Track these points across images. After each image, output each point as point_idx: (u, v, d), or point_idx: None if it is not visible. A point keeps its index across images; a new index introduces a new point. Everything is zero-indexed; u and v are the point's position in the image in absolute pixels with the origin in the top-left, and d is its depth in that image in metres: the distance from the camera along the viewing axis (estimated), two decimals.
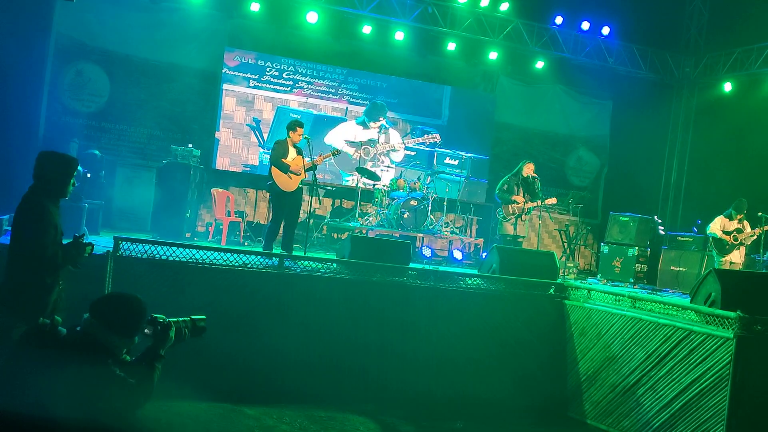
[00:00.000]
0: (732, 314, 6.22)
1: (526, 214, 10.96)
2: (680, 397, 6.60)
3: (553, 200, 11.21)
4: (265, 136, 13.35)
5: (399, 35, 13.49)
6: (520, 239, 11.03)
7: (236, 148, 13.20)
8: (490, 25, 13.90)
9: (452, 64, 14.41)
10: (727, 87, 14.71)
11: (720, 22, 15.13)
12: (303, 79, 13.64)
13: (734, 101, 14.56)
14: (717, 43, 15.13)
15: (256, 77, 13.32)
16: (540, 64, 14.61)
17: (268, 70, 13.37)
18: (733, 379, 6.12)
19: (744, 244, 11.04)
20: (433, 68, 14.47)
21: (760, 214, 10.86)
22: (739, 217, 10.96)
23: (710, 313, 6.50)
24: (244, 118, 13.26)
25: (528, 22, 14.18)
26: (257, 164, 13.30)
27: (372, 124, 13.81)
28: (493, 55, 14.22)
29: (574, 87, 15.52)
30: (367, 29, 13.32)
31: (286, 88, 13.52)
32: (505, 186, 10.96)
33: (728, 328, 6.24)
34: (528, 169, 10.96)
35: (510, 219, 10.88)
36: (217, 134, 13.05)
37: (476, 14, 13.74)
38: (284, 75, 13.52)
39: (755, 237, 10.93)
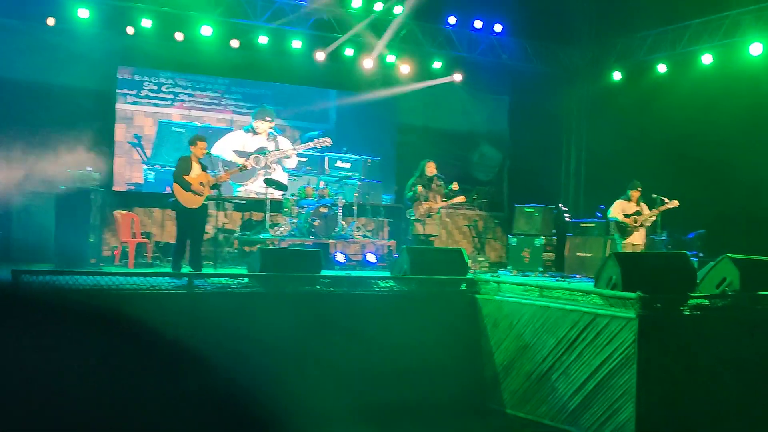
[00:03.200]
0: (633, 295, 6.48)
1: (436, 214, 11.12)
2: (592, 379, 6.83)
3: (461, 198, 11.43)
4: (148, 152, 13.05)
5: (296, 44, 13.46)
6: (431, 238, 11.19)
7: (119, 167, 12.85)
8: (386, 28, 14.03)
9: (349, 69, 14.46)
10: (616, 76, 15.31)
11: (606, 13, 15.72)
12: (183, 91, 13.40)
13: (624, 88, 15.17)
14: (604, 34, 15.73)
15: (133, 93, 13.01)
16: (437, 64, 14.84)
17: (146, 84, 13.08)
18: (639, 357, 6.38)
19: (644, 225, 11.49)
20: (329, 74, 14.48)
21: (654, 196, 11.33)
22: (635, 196, 11.38)
23: (612, 295, 6.76)
24: (125, 135, 12.93)
25: (422, 24, 14.41)
26: (142, 182, 13.00)
27: (258, 124, 13.67)
28: (390, 58, 14.36)
29: (471, 84, 15.82)
30: (263, 39, 13.22)
31: (166, 102, 13.27)
32: (413, 187, 11.11)
33: (630, 309, 6.50)
34: (430, 168, 11.13)
35: (421, 219, 11.03)
36: None
37: (371, 19, 13.85)
38: (163, 89, 13.25)
39: (653, 218, 11.40)
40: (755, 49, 12.61)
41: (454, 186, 11.09)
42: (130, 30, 12.31)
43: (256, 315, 7.46)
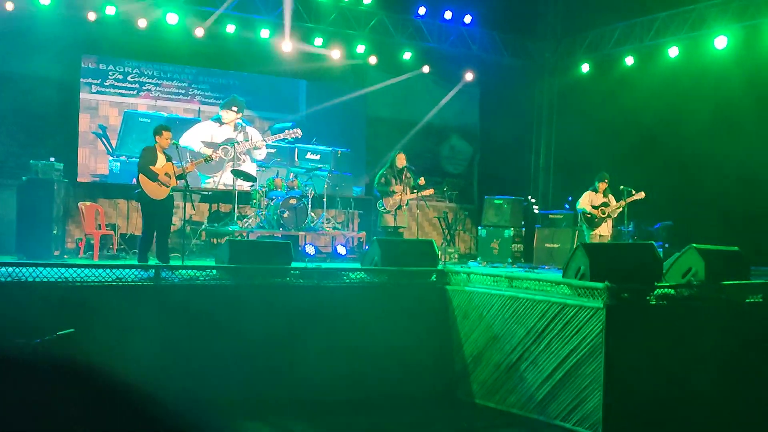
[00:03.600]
0: (600, 285, 6.53)
1: (405, 205, 11.11)
2: (560, 369, 6.87)
3: (430, 191, 11.43)
4: (114, 143, 12.86)
5: (264, 33, 13.32)
6: (401, 230, 11.18)
7: (83, 158, 12.64)
8: (356, 18, 13.96)
9: (318, 59, 14.36)
10: (585, 68, 15.40)
11: (574, 6, 15.81)
12: (150, 81, 13.21)
13: (592, 81, 15.27)
14: (573, 26, 15.81)
15: (98, 82, 12.79)
16: (407, 55, 14.80)
17: (111, 74, 12.87)
18: (606, 346, 6.42)
19: (611, 216, 11.60)
20: (298, 64, 14.36)
21: (622, 187, 11.43)
22: (602, 188, 11.49)
23: (581, 285, 6.80)
24: (89, 125, 12.72)
25: (392, 14, 14.35)
26: (107, 173, 12.81)
27: (226, 114, 13.54)
28: (360, 48, 14.28)
29: (442, 76, 15.82)
30: (230, 28, 13.06)
31: (132, 92, 13.07)
32: (383, 179, 11.07)
33: (598, 299, 6.54)
34: (401, 160, 11.10)
35: (391, 211, 11.00)
36: None
37: (340, 9, 13.77)
38: (129, 78, 13.05)
39: (620, 209, 11.50)
40: (720, 42, 12.76)
41: (421, 181, 11.11)
42: (92, 16, 12.07)
43: (224, 307, 7.39)
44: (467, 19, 15.10)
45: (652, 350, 6.64)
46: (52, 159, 10.89)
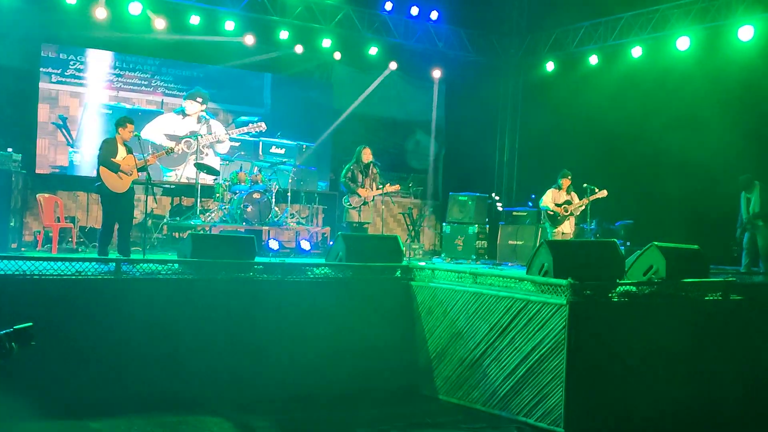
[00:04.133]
0: (564, 282, 6.57)
1: (371, 201, 11.10)
2: (523, 365, 6.90)
3: (395, 187, 11.44)
4: (74, 134, 12.64)
5: (229, 25, 13.18)
6: (366, 225, 11.16)
7: (42, 149, 12.40)
8: (322, 12, 13.89)
9: (284, 53, 14.27)
10: (549, 66, 15.52)
11: (539, 4, 15.93)
12: (112, 71, 13.00)
13: (557, 79, 15.40)
14: (538, 24, 15.93)
15: (58, 72, 12.55)
16: (373, 50, 14.77)
17: (72, 63, 12.63)
18: (569, 342, 6.47)
19: (573, 214, 11.72)
20: (265, 57, 14.26)
21: (585, 185, 11.57)
22: (566, 185, 11.60)
23: (544, 282, 6.84)
24: (49, 116, 12.48)
25: (359, 9, 14.31)
26: (67, 165, 12.59)
27: (189, 106, 13.39)
28: (326, 43, 14.22)
29: (408, 72, 15.83)
30: (195, 19, 12.90)
31: (93, 82, 12.85)
32: (349, 174, 11.04)
33: (561, 295, 6.59)
34: (366, 155, 11.08)
35: (356, 207, 10.98)
36: None
37: (307, 2, 13.69)
38: (90, 68, 12.83)
39: (583, 207, 11.63)
40: (682, 43, 12.96)
41: (394, 187, 11.21)
42: (53, 5, 11.84)
43: (186, 302, 7.29)
44: (434, 15, 15.13)
45: (614, 346, 6.72)
46: (10, 150, 10.68)
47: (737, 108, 12.12)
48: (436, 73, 15.88)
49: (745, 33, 12.14)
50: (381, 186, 11.07)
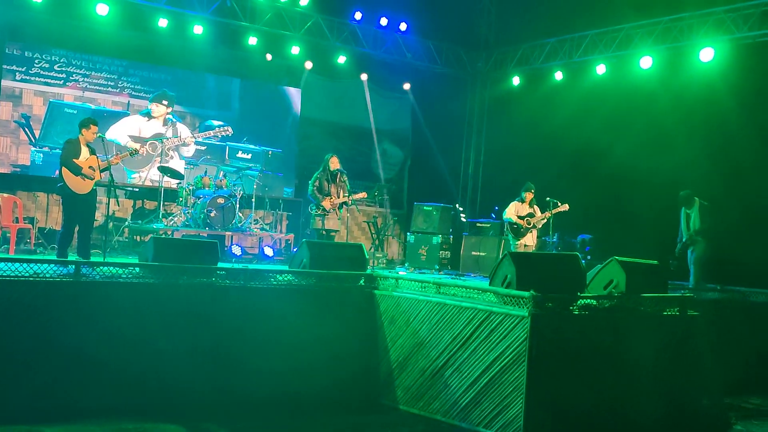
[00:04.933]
0: (526, 294, 6.63)
1: (339, 209, 11.10)
2: (484, 375, 6.94)
3: (362, 195, 11.46)
4: (37, 133, 12.45)
5: (197, 29, 13.10)
6: (332, 233, 11.15)
7: (3, 147, 12.19)
8: (291, 19, 13.88)
9: (252, 59, 14.22)
10: (516, 80, 15.70)
11: (507, 19, 16.15)
12: (77, 71, 12.84)
13: (522, 93, 15.60)
14: (506, 39, 16.12)
15: (23, 70, 12.36)
16: (342, 59, 14.80)
17: (37, 62, 12.45)
18: (530, 354, 6.52)
19: (536, 227, 11.84)
20: (232, 62, 14.21)
21: (548, 198, 11.70)
22: (529, 198, 11.73)
23: (507, 293, 6.89)
24: (11, 114, 12.28)
25: (328, 18, 14.33)
26: (29, 164, 12.39)
27: (155, 108, 13.27)
28: (295, 50, 14.21)
29: (376, 81, 15.89)
30: (163, 22, 12.80)
31: (58, 81, 12.68)
32: (317, 182, 11.04)
33: (523, 307, 6.64)
34: (334, 163, 11.09)
35: (328, 212, 10.97)
36: None
37: (276, 9, 13.68)
38: (56, 67, 12.66)
39: (545, 220, 11.76)
40: (645, 62, 13.22)
41: (361, 195, 11.30)
42: (19, 4, 11.66)
43: (146, 307, 7.20)
44: (403, 26, 15.23)
45: (574, 359, 6.78)
46: None
47: (700, 126, 12.37)
48: (404, 84, 15.95)
49: (706, 54, 12.42)
50: (348, 194, 11.08)
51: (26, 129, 12.43)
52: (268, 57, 14.00)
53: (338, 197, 11.02)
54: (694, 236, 11.01)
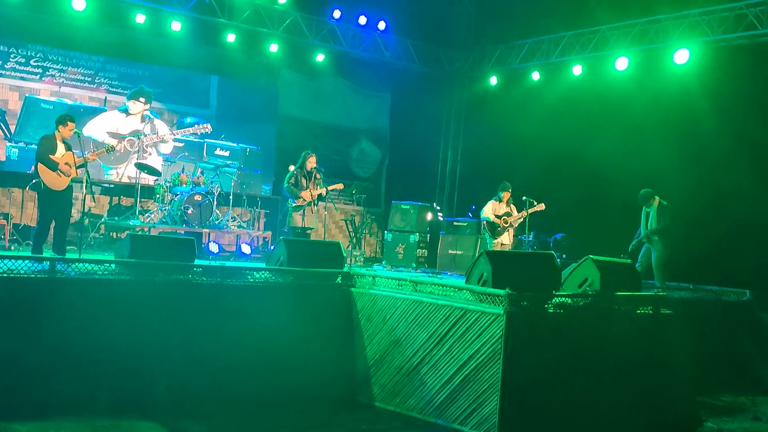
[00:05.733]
0: (502, 292, 6.70)
1: (315, 204, 11.10)
2: (459, 373, 6.99)
3: (339, 186, 11.53)
4: (12, 128, 12.32)
5: (175, 25, 13.04)
6: (309, 231, 11.16)
7: None
8: (270, 17, 13.86)
9: (231, 56, 14.18)
10: (493, 80, 15.80)
11: (486, 19, 16.22)
12: (54, 66, 12.73)
13: (500, 93, 15.69)
14: (484, 39, 16.20)
15: None
16: (320, 57, 14.80)
17: (12, 56, 12.33)
18: (505, 351, 6.58)
19: (513, 226, 11.93)
20: (210, 59, 14.15)
21: (524, 198, 11.79)
22: (506, 198, 11.82)
23: (483, 292, 6.95)
24: None
25: (307, 15, 14.32)
26: (4, 159, 12.27)
27: (133, 105, 13.19)
28: (273, 48, 14.19)
29: (354, 80, 15.91)
30: (140, 18, 12.73)
31: (34, 76, 12.57)
32: (293, 179, 11.05)
33: (499, 305, 6.71)
34: (311, 162, 11.11)
35: (300, 210, 10.98)
36: None
37: (255, 6, 13.64)
38: (32, 62, 12.54)
39: (522, 219, 11.85)
40: (621, 63, 13.36)
41: (338, 186, 11.31)
42: None
43: (122, 304, 7.17)
44: (381, 25, 15.25)
45: (548, 356, 6.86)
46: None
47: (675, 128, 12.52)
48: (382, 83, 15.97)
49: (681, 56, 12.57)
50: (326, 186, 11.16)
51: (1, 124, 12.30)
52: (247, 53, 13.96)
53: (314, 191, 11.05)
54: (650, 235, 11.09)
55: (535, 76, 15.03)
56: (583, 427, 6.87)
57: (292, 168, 11.31)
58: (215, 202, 12.09)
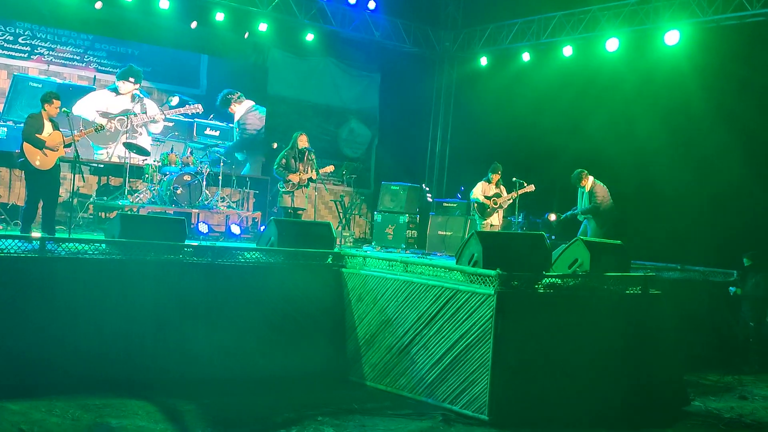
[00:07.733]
0: (492, 272, 6.72)
1: (305, 186, 11.06)
2: (450, 353, 7.03)
3: (330, 168, 11.47)
4: (0, 107, 12.21)
5: (164, 4, 12.91)
6: (300, 211, 11.13)
7: None
8: None
9: (220, 35, 14.07)
10: (483, 61, 15.76)
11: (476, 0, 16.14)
12: (42, 44, 12.59)
13: (490, 74, 15.65)
14: (473, 19, 16.14)
15: None
16: (310, 37, 14.71)
17: (0, 34, 12.18)
18: (495, 332, 6.62)
19: (502, 207, 11.96)
20: (199, 38, 14.04)
21: (514, 179, 11.80)
22: (495, 179, 11.83)
23: (473, 272, 6.98)
24: None
25: None
26: None
27: (122, 85, 13.09)
28: (263, 27, 14.09)
29: (344, 60, 15.84)
30: None
31: (23, 54, 12.43)
32: (283, 161, 10.99)
33: (490, 285, 6.74)
34: (302, 141, 11.05)
35: (290, 191, 10.94)
36: None
37: None
38: (20, 40, 12.40)
39: (511, 201, 11.87)
40: (611, 44, 13.35)
41: (329, 168, 11.26)
42: None
43: (112, 283, 7.15)
44: (371, 5, 15.16)
45: (539, 336, 6.90)
46: None
47: (665, 108, 12.55)
48: (372, 62, 15.91)
49: (671, 37, 12.58)
50: (316, 171, 11.08)
51: None
52: (237, 32, 13.85)
53: (306, 173, 11.00)
54: (584, 215, 11.25)
55: (526, 56, 15.00)
56: (573, 406, 6.93)
57: (275, 146, 11.25)
58: (204, 183, 12.04)
